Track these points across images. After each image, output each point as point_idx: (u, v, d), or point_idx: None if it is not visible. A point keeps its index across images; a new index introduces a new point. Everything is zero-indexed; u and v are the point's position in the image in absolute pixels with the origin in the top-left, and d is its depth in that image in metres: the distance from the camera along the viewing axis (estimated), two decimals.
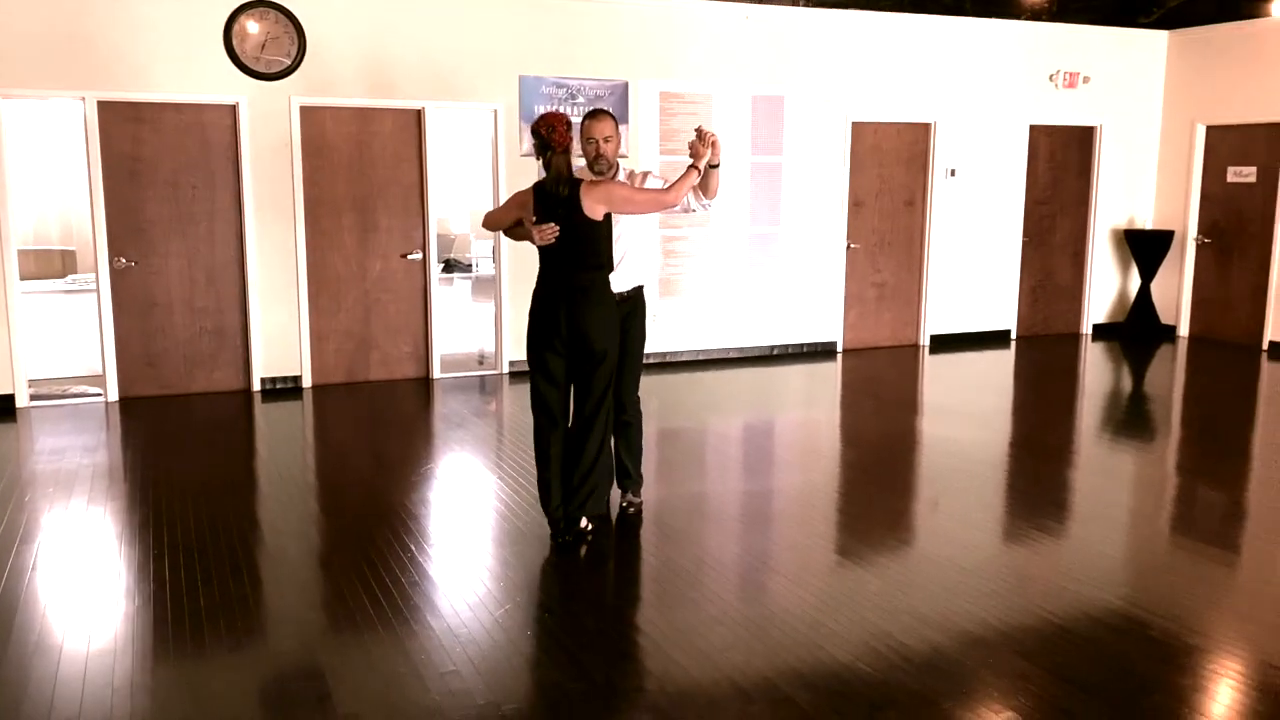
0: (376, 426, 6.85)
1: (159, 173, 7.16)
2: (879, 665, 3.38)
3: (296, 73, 7.30)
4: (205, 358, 7.46)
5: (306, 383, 7.69)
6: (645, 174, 4.72)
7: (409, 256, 7.85)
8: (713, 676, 3.33)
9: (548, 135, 4.27)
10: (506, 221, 4.65)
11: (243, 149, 7.28)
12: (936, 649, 3.51)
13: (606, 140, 4.50)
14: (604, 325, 4.39)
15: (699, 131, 4.40)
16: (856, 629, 3.65)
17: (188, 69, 7.07)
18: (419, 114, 7.72)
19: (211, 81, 7.14)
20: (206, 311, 7.41)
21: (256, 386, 7.57)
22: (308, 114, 7.44)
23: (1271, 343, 9.28)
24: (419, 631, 3.64)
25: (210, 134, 7.25)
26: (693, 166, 4.37)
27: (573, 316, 4.35)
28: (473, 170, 8.51)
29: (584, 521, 4.52)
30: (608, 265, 4.45)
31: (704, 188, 4.52)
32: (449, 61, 7.68)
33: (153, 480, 5.42)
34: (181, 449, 6.19)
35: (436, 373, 8.05)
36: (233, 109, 7.25)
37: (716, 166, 4.48)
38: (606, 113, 4.58)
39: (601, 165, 4.52)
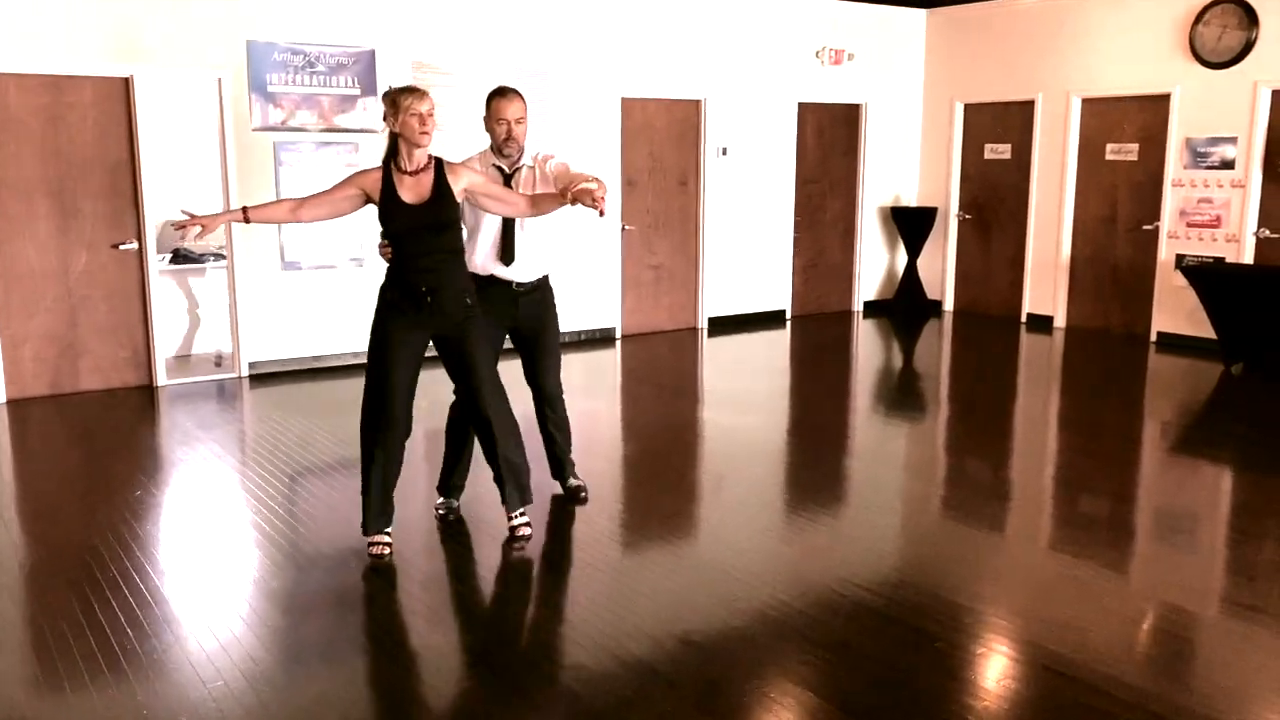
0: (91, 445, 5.87)
1: None
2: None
3: None
4: None
5: None
6: (548, 158, 4.41)
7: (122, 246, 6.80)
8: (507, 691, 2.97)
9: None
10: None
11: None
12: (741, 640, 3.23)
13: (518, 122, 4.24)
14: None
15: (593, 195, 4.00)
16: (659, 629, 3.38)
17: None
18: (126, 82, 6.68)
19: None
20: None
21: None
22: None
23: (1029, 314, 9.60)
24: (161, 691, 3.00)
25: None
26: (561, 198, 4.07)
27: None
28: (199, 146, 7.52)
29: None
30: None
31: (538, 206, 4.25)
32: (162, 23, 6.68)
33: None
34: None
35: (162, 379, 7.04)
36: None
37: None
38: (516, 92, 4.30)
39: (511, 149, 4.29)
